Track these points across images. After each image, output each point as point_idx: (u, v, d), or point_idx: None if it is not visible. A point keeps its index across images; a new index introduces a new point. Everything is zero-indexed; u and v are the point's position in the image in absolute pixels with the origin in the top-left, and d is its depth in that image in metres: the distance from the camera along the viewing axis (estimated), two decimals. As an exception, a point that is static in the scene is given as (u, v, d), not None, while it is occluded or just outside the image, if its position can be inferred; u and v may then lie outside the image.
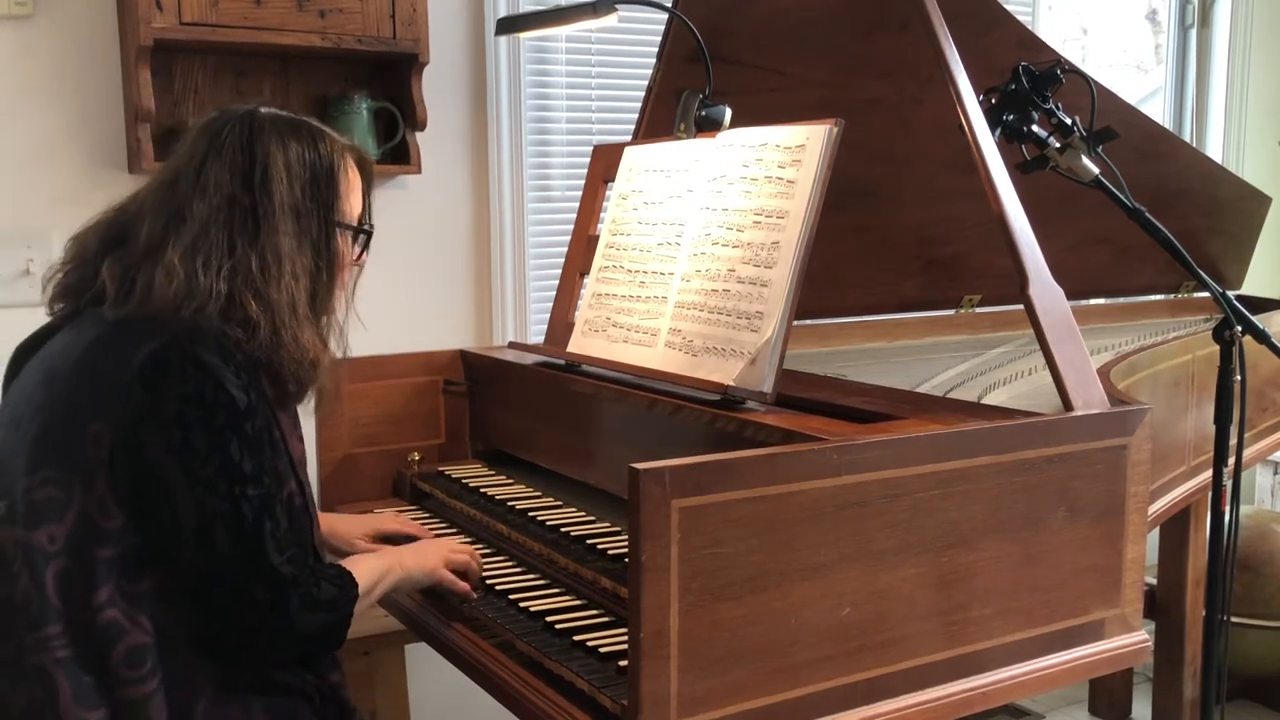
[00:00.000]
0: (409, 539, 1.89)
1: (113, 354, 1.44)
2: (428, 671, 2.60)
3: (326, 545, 1.73)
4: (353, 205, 1.62)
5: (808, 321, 2.53)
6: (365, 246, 1.66)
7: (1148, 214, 1.89)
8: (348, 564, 1.59)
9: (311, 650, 1.54)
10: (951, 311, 2.79)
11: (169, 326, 1.43)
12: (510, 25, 2.34)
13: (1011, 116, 1.92)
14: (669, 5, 2.24)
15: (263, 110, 1.58)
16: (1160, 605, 2.85)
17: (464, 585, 1.72)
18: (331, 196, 1.57)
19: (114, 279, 1.50)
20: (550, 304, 2.25)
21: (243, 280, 1.48)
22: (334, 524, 1.91)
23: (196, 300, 1.45)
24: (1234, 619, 3.09)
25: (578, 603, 1.66)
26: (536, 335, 2.79)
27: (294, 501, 1.53)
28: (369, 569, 1.61)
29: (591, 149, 2.28)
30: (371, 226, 1.68)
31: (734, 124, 1.95)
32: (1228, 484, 1.90)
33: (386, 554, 1.72)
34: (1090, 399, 1.64)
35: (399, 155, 2.67)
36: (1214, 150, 4.02)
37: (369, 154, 1.69)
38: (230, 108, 1.60)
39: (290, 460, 1.54)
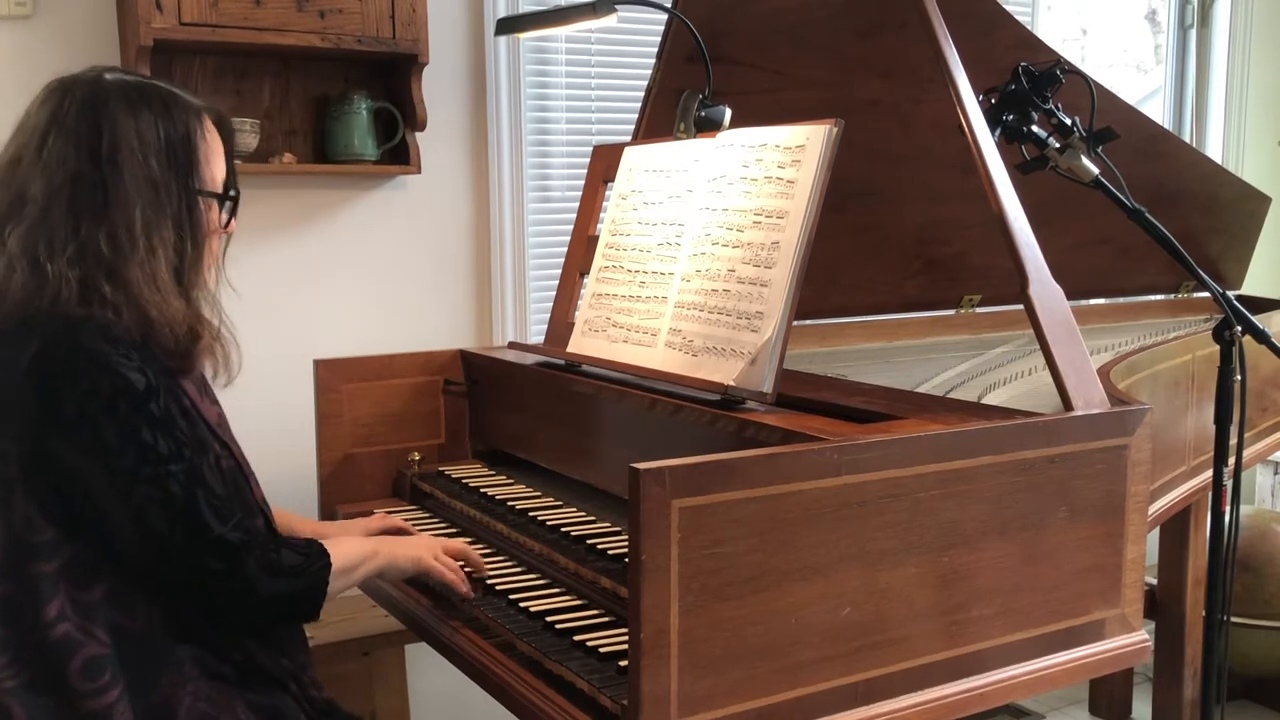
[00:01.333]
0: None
1: None
2: (428, 671, 2.60)
3: None
4: (214, 171, 1.51)
5: (808, 321, 2.53)
6: (232, 213, 1.56)
7: (1148, 214, 1.89)
8: (329, 545, 1.55)
9: (283, 617, 1.51)
10: (951, 311, 2.79)
11: (40, 327, 1.36)
12: (510, 25, 2.34)
13: (1011, 116, 1.92)
14: (669, 5, 2.24)
15: (108, 76, 1.47)
16: (1160, 605, 2.84)
17: (454, 576, 1.70)
18: (189, 164, 1.46)
19: None
20: (550, 304, 2.25)
21: (93, 262, 1.39)
22: (322, 529, 1.88)
23: (47, 290, 1.37)
24: (1234, 619, 3.09)
25: (578, 603, 1.66)
26: (536, 335, 2.79)
27: (221, 464, 1.49)
28: (350, 550, 1.58)
29: (591, 149, 2.28)
30: (237, 191, 1.56)
31: (734, 124, 1.95)
32: (1228, 484, 1.90)
33: (373, 540, 1.70)
34: (1090, 399, 1.64)
35: (399, 155, 2.67)
36: (1214, 150, 4.02)
37: (225, 111, 1.58)
38: (73, 75, 1.48)
39: (207, 425, 1.49)
